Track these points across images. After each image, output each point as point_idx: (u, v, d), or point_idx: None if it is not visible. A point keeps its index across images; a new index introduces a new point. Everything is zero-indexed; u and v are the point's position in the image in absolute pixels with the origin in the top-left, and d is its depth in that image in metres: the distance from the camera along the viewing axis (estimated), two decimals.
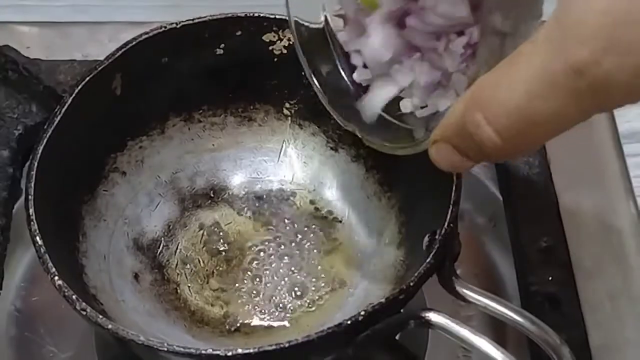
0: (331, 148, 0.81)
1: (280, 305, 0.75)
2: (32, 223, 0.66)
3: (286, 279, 0.76)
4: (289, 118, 0.81)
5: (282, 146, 0.82)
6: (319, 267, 0.77)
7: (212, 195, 0.81)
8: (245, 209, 0.81)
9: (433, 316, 0.63)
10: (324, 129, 0.80)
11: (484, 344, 0.61)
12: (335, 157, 0.80)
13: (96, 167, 0.76)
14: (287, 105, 0.81)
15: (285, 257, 0.78)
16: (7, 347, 0.78)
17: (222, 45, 0.77)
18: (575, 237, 0.79)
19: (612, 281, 0.78)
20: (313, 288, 0.76)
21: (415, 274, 0.63)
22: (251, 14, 0.76)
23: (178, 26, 0.75)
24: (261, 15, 0.76)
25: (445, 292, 0.66)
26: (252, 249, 0.78)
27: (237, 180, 0.82)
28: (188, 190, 0.81)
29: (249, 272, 0.77)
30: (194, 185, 0.81)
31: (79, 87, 0.72)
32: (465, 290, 0.65)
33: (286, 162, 0.81)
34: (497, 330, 0.75)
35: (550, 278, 0.76)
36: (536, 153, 0.83)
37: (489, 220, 0.86)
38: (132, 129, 0.78)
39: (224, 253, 0.78)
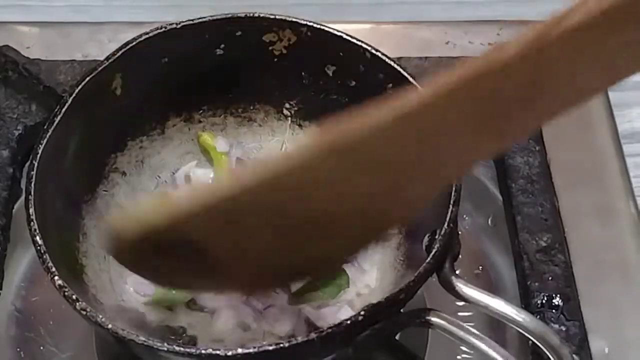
0: None
1: None
2: (32, 222, 0.66)
3: None
4: (289, 118, 0.81)
5: (282, 146, 0.81)
6: None
7: None
8: None
9: (433, 316, 0.63)
10: None
11: (484, 345, 0.61)
12: None
13: (96, 167, 0.76)
14: (287, 105, 0.81)
15: None
16: (7, 347, 0.78)
17: (222, 46, 0.77)
18: (575, 237, 0.79)
19: (613, 281, 0.78)
20: None
21: (415, 274, 0.63)
22: (251, 14, 0.76)
23: (178, 26, 0.75)
24: (261, 15, 0.76)
25: (446, 292, 0.66)
26: None
27: None
28: None
29: None
30: None
31: (79, 87, 0.72)
32: (465, 290, 0.65)
33: None
34: (498, 330, 0.75)
35: (550, 278, 0.76)
36: (536, 153, 0.83)
37: (489, 220, 0.86)
38: (132, 129, 0.78)
39: None
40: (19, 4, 1.05)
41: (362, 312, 0.61)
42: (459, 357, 0.76)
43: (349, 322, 0.61)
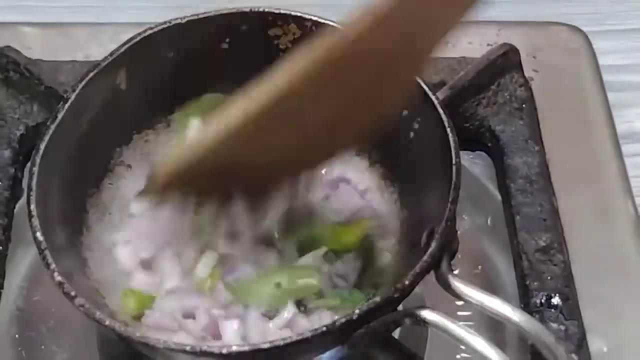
0: None
1: None
2: (32, 219, 0.66)
3: None
4: None
5: None
6: None
7: None
8: None
9: (428, 314, 0.62)
10: None
11: (478, 342, 0.61)
12: None
13: (101, 161, 0.77)
14: None
15: None
16: (9, 347, 0.78)
17: (228, 40, 0.78)
18: (574, 237, 0.79)
19: (611, 281, 0.78)
20: None
21: (411, 273, 0.63)
22: (256, 9, 0.77)
23: (183, 21, 0.76)
24: (266, 10, 0.77)
25: (445, 292, 0.66)
26: None
27: None
28: None
29: None
30: None
31: (83, 83, 0.73)
32: (461, 288, 0.65)
33: None
34: (497, 330, 0.75)
35: (549, 278, 0.76)
36: (535, 153, 0.83)
37: (488, 220, 0.86)
38: (137, 122, 0.79)
39: None
40: (20, 4, 1.06)
41: (357, 311, 0.61)
42: (458, 356, 0.76)
43: (343, 320, 0.61)
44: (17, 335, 0.79)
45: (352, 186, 0.79)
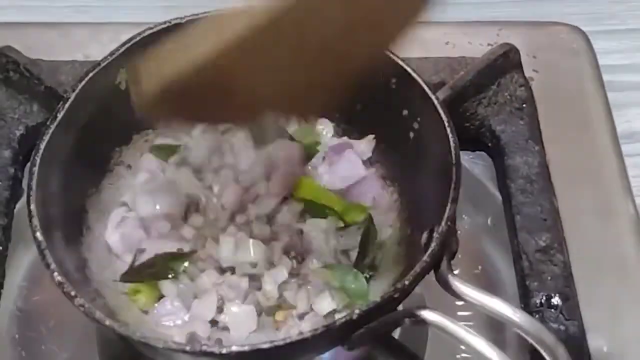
0: None
1: None
2: (33, 219, 0.66)
3: None
4: None
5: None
6: None
7: None
8: None
9: (428, 314, 0.63)
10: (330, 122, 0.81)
11: (478, 342, 0.61)
12: None
13: (101, 161, 0.77)
14: None
15: None
16: (8, 347, 0.79)
17: None
18: (574, 237, 0.80)
19: (611, 280, 0.78)
20: None
21: (411, 273, 0.63)
22: None
23: (183, 21, 0.76)
24: None
25: (445, 293, 0.66)
26: None
27: None
28: None
29: None
30: None
31: (82, 83, 0.73)
32: (461, 288, 0.65)
33: None
34: (497, 330, 0.75)
35: (549, 278, 0.76)
36: (535, 153, 0.83)
37: (488, 220, 0.86)
38: (137, 122, 0.78)
39: None
40: (20, 4, 1.06)
41: (357, 311, 0.61)
42: (458, 356, 0.76)
43: (343, 320, 0.61)
44: (16, 336, 0.79)
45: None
